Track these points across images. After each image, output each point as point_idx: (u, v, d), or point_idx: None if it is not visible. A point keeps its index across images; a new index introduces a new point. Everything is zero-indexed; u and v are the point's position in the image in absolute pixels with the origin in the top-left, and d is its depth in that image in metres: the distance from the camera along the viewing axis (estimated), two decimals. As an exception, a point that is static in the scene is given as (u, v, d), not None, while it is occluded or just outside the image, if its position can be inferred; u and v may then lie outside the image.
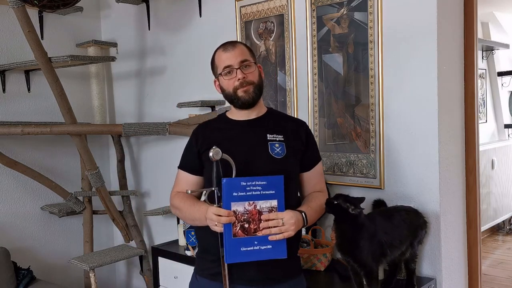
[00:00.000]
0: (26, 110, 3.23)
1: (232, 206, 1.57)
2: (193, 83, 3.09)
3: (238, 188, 1.58)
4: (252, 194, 1.58)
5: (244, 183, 1.58)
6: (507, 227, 5.46)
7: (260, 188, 1.59)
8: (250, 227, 1.58)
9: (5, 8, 3.02)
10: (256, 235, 1.58)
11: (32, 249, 3.27)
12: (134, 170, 3.55)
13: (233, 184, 1.58)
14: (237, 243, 1.57)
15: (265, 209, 1.59)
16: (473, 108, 2.33)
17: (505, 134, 5.68)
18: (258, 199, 1.59)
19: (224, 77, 1.73)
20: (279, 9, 2.62)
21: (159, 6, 3.25)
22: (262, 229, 1.58)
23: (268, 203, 1.59)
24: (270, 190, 1.59)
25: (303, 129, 1.83)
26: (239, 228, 1.57)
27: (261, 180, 1.59)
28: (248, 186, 1.58)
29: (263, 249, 1.58)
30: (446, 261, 2.21)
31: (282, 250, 1.60)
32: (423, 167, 2.17)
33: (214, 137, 1.76)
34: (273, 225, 1.58)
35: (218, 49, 1.78)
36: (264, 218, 1.58)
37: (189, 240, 2.64)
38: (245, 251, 1.58)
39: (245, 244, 1.58)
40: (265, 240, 1.58)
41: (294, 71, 2.58)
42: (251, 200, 1.58)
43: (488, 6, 5.13)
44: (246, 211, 1.58)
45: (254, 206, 1.59)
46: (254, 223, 1.58)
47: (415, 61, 2.16)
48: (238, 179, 1.59)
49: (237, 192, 1.58)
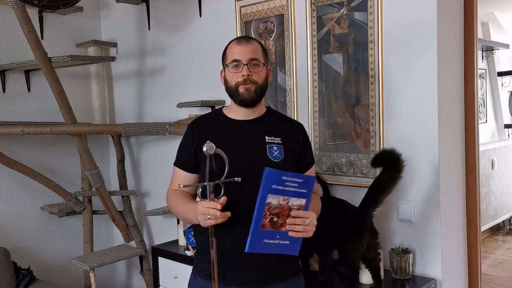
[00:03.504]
0: (26, 110, 3.23)
1: (268, 197, 1.53)
2: (193, 83, 3.09)
3: (279, 181, 1.53)
4: (288, 190, 1.55)
5: (285, 178, 1.54)
6: (507, 227, 5.46)
7: (296, 185, 1.55)
8: (278, 221, 1.56)
9: (5, 8, 3.02)
10: (280, 229, 1.57)
11: (32, 249, 3.27)
12: (134, 170, 3.55)
13: (274, 176, 1.52)
14: (263, 234, 1.55)
15: (294, 207, 1.57)
16: (473, 108, 2.33)
17: (505, 134, 5.69)
18: (292, 195, 1.56)
19: (230, 69, 1.72)
20: (279, 9, 2.62)
21: (159, 6, 3.25)
22: (287, 225, 1.57)
23: (298, 201, 1.57)
24: (303, 189, 1.57)
25: (300, 131, 1.82)
26: (268, 221, 1.54)
27: (299, 177, 1.56)
28: (288, 182, 1.54)
29: (281, 243, 1.58)
30: (446, 261, 2.21)
31: (297, 248, 1.61)
32: (423, 167, 2.17)
33: (211, 136, 1.73)
34: (298, 223, 1.57)
35: (233, 40, 1.77)
36: (294, 214, 1.57)
37: (189, 240, 2.64)
38: (266, 243, 1.56)
39: (268, 237, 1.56)
40: (285, 236, 1.57)
41: (294, 71, 2.58)
42: (286, 195, 1.55)
43: (488, 6, 5.13)
44: (279, 205, 1.54)
45: (287, 202, 1.56)
46: (282, 218, 1.56)
47: (415, 61, 2.16)
48: (280, 172, 1.53)
49: (276, 185, 1.52)
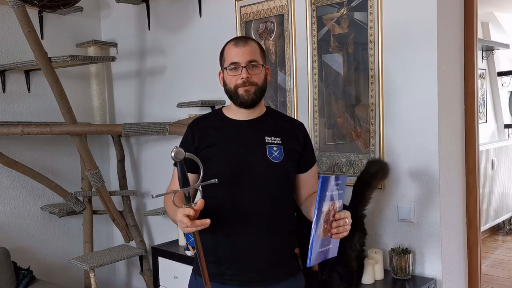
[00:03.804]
0: (26, 110, 3.23)
1: (324, 205, 1.41)
2: (193, 83, 3.09)
3: (330, 187, 1.42)
4: (334, 193, 1.45)
5: (333, 182, 1.43)
6: (507, 227, 5.46)
7: (338, 187, 1.46)
8: (327, 227, 1.44)
9: (5, 8, 3.02)
10: (327, 235, 1.45)
11: (32, 249, 3.27)
12: (134, 170, 3.55)
13: (331, 182, 1.42)
14: (318, 244, 1.42)
15: (337, 209, 1.47)
16: (473, 108, 2.33)
17: (505, 134, 5.68)
18: (337, 198, 1.46)
19: (229, 72, 1.71)
20: (279, 9, 2.62)
21: (159, 6, 3.25)
22: (333, 229, 1.47)
23: (339, 203, 1.48)
24: (341, 190, 1.48)
25: (300, 131, 1.81)
26: (322, 229, 1.42)
27: (340, 179, 1.47)
28: (336, 185, 1.45)
29: (327, 249, 1.46)
30: (446, 261, 2.21)
31: (336, 249, 1.50)
32: (423, 167, 2.17)
33: (211, 136, 1.73)
34: (342, 225, 1.48)
35: (230, 42, 1.74)
36: (338, 217, 1.47)
37: (189, 240, 2.63)
38: (321, 252, 1.44)
39: (321, 245, 1.44)
40: (329, 240, 1.46)
41: (294, 71, 2.58)
42: (333, 200, 1.45)
43: (488, 6, 5.13)
44: (329, 211, 1.44)
45: (333, 206, 1.46)
46: (328, 223, 1.45)
47: (415, 61, 2.16)
48: (332, 178, 1.42)
49: (329, 192, 1.42)
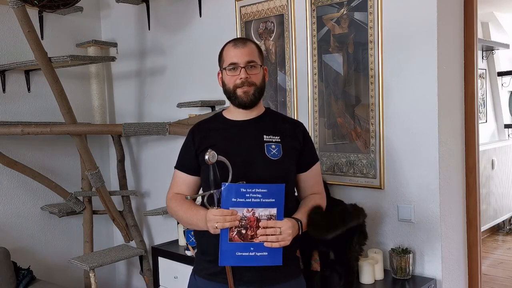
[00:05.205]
0: (26, 110, 3.23)
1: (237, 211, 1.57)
2: (193, 83, 3.09)
3: (238, 194, 1.56)
4: (251, 201, 1.57)
5: (244, 190, 1.57)
6: (507, 227, 5.46)
7: (260, 196, 1.57)
8: (247, 233, 1.58)
9: (5, 8, 3.02)
10: (253, 241, 1.58)
11: (32, 249, 3.27)
12: (134, 170, 3.55)
13: (232, 190, 1.57)
14: (233, 247, 1.58)
15: (263, 217, 1.58)
16: (473, 108, 2.33)
17: (505, 134, 5.68)
18: (258, 206, 1.58)
19: (228, 72, 1.73)
20: (279, 9, 2.62)
21: (159, 6, 3.25)
22: (259, 236, 1.58)
23: (267, 211, 1.58)
24: (270, 199, 1.58)
25: (300, 130, 1.82)
26: (236, 233, 1.57)
27: (262, 187, 1.58)
28: (248, 193, 1.57)
29: (259, 255, 1.59)
30: (446, 261, 2.21)
31: (278, 258, 1.61)
32: (423, 167, 2.17)
33: (211, 138, 1.76)
34: (270, 233, 1.57)
35: (229, 43, 1.77)
36: (263, 225, 1.58)
37: (189, 240, 2.64)
38: (240, 255, 1.58)
39: (240, 249, 1.58)
40: (261, 247, 1.58)
41: (294, 71, 2.58)
42: (250, 207, 1.57)
43: (488, 6, 5.13)
44: (244, 217, 1.57)
45: (253, 213, 1.58)
46: (251, 230, 1.58)
47: (415, 61, 2.16)
48: (238, 185, 1.57)
49: (236, 198, 1.56)
